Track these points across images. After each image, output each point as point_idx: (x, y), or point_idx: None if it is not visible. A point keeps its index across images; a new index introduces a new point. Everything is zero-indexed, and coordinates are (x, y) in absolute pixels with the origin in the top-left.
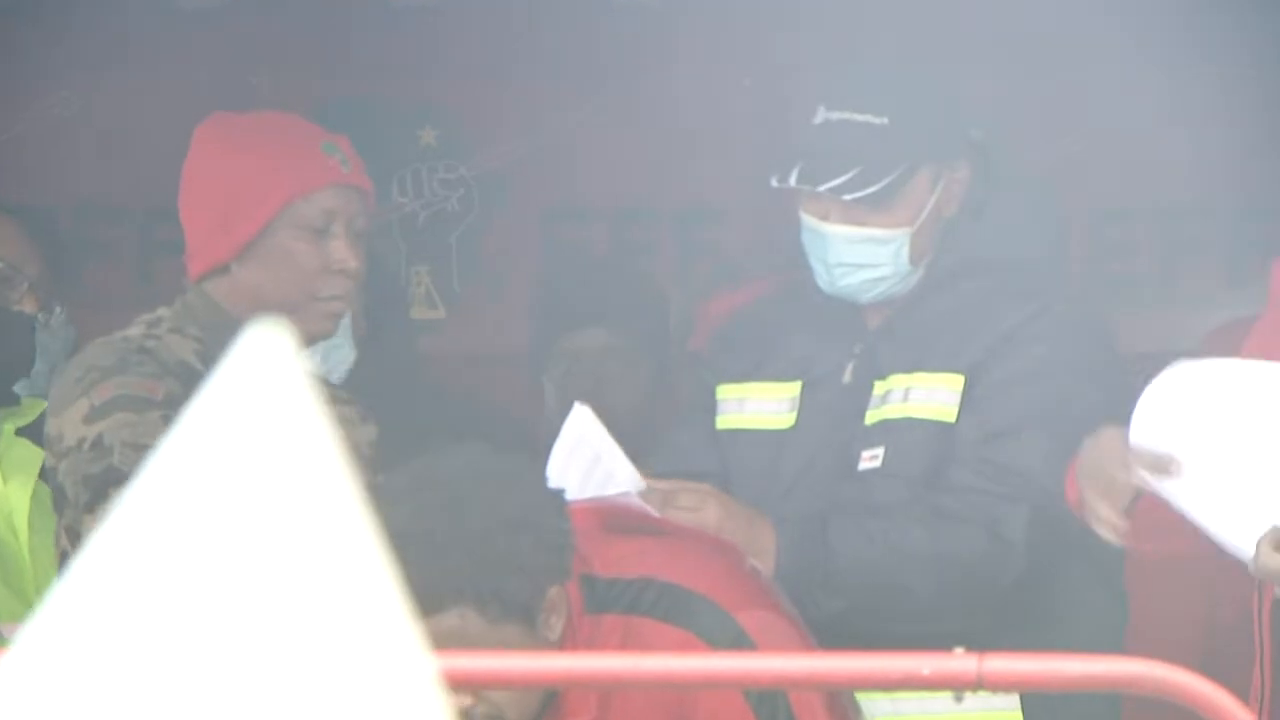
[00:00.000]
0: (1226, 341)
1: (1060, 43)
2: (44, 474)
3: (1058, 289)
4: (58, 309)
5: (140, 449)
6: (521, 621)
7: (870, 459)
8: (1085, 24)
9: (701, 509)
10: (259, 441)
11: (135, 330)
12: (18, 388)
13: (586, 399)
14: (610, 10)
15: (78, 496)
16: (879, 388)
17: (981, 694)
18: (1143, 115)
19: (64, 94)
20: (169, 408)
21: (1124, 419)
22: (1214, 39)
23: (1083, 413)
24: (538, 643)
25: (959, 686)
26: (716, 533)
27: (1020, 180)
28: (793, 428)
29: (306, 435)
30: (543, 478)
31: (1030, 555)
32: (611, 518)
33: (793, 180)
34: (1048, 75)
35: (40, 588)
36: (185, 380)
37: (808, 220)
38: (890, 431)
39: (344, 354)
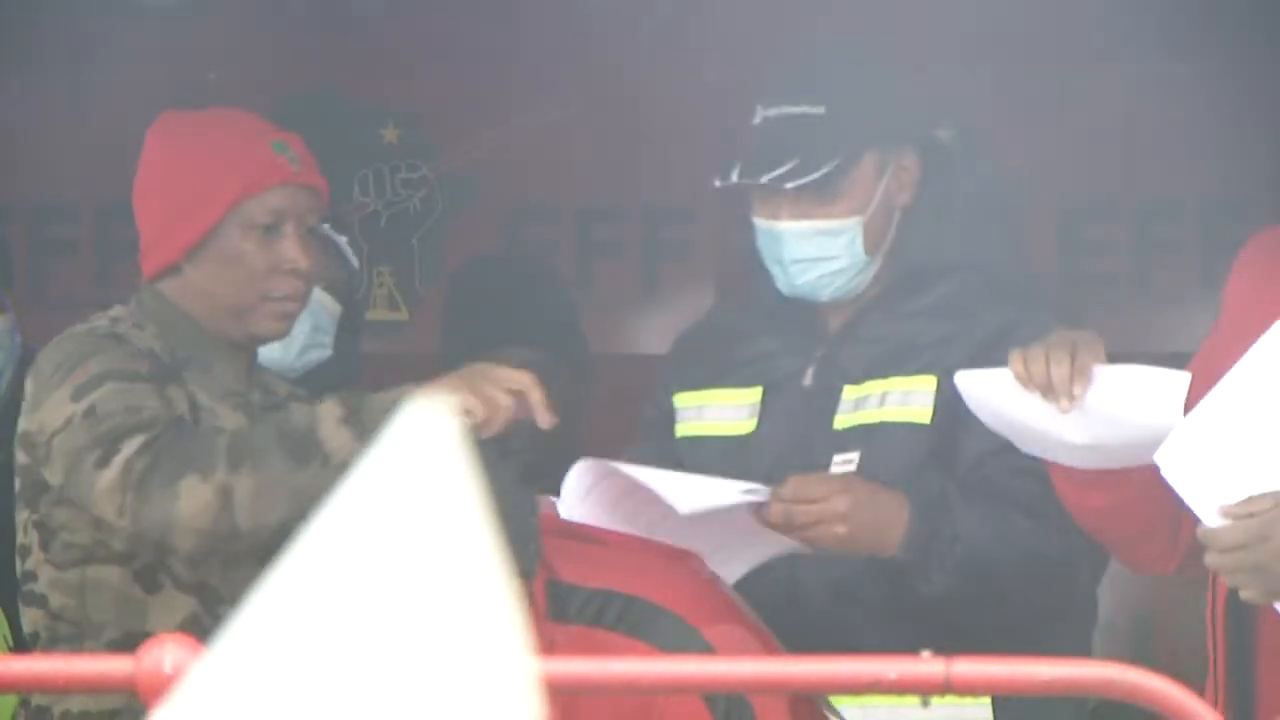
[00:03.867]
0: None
1: (1036, 40)
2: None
3: (1027, 292)
4: None
5: (138, 410)
6: None
7: (844, 463)
8: (1061, 21)
9: (830, 499)
10: (414, 515)
11: (99, 322)
12: None
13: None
14: (575, 7)
15: (79, 462)
16: (850, 393)
17: (949, 699)
18: (1116, 113)
19: (17, 92)
20: (154, 382)
21: None
22: (1191, 37)
23: None
24: None
25: (926, 691)
26: (850, 519)
27: (988, 178)
28: (753, 433)
29: (459, 513)
30: (514, 472)
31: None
32: (574, 527)
33: (734, 177)
34: (1023, 72)
35: None
36: (156, 367)
37: (760, 223)
38: (866, 436)
39: (321, 354)
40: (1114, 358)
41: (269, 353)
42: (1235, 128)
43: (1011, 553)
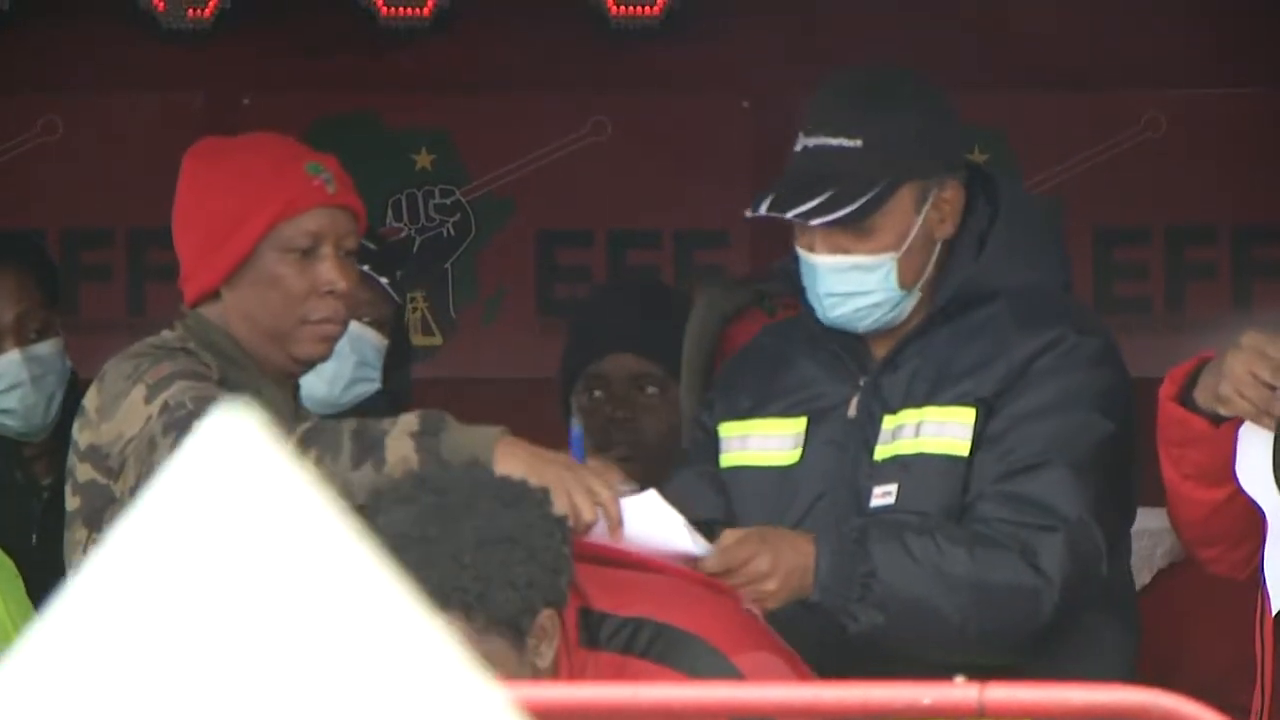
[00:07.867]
0: None
1: (1070, 63)
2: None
3: (1068, 316)
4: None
5: (211, 400)
6: (508, 637)
7: (883, 495)
8: (1096, 44)
9: (753, 561)
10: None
11: (162, 337)
12: (11, 422)
13: (618, 426)
14: (608, 32)
15: (153, 451)
16: (888, 422)
17: None
18: (1149, 136)
19: (50, 118)
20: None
21: (1134, 450)
22: (1225, 62)
23: (1098, 445)
24: (524, 668)
25: (960, 716)
26: (775, 574)
27: (1028, 202)
28: (797, 464)
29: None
30: (545, 500)
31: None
32: (605, 552)
33: (763, 209)
34: (1056, 95)
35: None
36: (222, 382)
37: (800, 252)
38: (903, 468)
39: (368, 388)
40: (1147, 382)
41: (316, 388)
42: (1269, 151)
43: (943, 585)
